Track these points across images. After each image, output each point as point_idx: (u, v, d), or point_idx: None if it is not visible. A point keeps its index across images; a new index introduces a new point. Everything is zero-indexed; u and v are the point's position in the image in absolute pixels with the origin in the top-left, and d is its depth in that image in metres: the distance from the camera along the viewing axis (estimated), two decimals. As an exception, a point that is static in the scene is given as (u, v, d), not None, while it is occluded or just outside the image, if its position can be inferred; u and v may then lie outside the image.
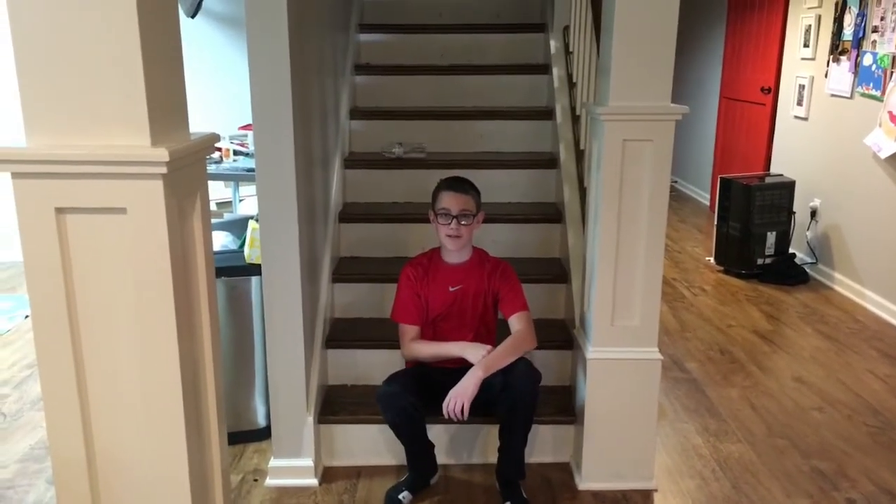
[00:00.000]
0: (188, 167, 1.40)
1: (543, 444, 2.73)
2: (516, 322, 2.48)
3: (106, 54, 1.27)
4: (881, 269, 4.28)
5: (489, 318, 2.58)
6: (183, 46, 1.44)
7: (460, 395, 2.31)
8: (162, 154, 1.27)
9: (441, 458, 2.66)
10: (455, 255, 2.54)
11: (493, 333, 2.59)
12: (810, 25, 4.99)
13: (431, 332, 2.56)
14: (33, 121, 1.30)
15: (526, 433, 2.45)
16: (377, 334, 2.87)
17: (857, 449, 2.86)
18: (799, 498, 2.55)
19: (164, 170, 1.28)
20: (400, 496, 2.49)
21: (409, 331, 2.54)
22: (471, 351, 2.41)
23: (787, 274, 4.82)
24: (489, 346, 2.42)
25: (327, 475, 2.68)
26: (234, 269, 2.78)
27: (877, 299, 4.31)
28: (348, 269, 3.06)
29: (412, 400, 2.37)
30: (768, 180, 4.98)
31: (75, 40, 1.26)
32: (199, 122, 1.67)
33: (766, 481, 2.65)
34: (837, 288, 4.69)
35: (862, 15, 4.38)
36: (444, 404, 2.33)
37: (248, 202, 5.60)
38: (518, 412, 2.38)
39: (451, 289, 2.52)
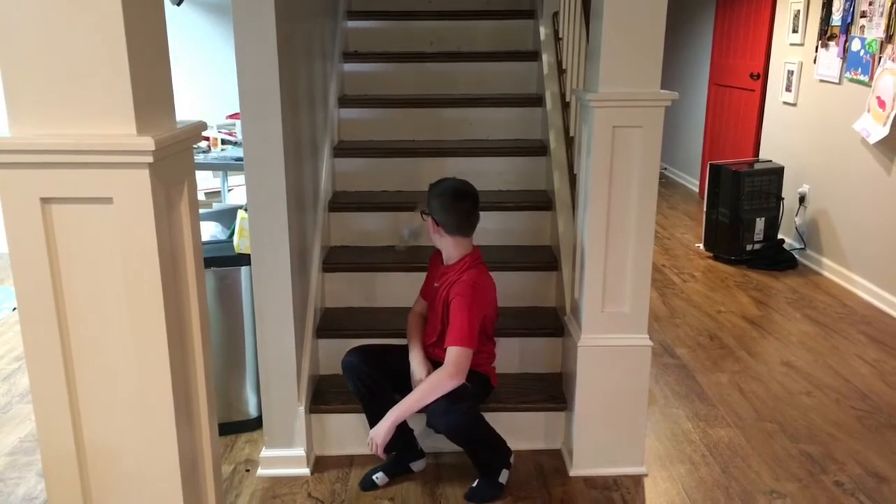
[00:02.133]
0: (175, 156, 1.39)
1: (535, 431, 2.74)
2: (446, 355, 2.37)
3: (90, 42, 1.25)
4: (869, 254, 4.31)
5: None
6: (168, 34, 1.42)
7: (374, 439, 2.39)
8: (148, 143, 1.25)
9: (429, 447, 2.66)
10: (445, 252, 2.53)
11: None
12: (799, 11, 4.99)
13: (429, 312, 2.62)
14: (17, 110, 1.28)
15: (475, 451, 2.47)
16: (368, 324, 2.87)
17: (845, 433, 2.89)
18: (787, 482, 2.57)
19: (150, 159, 1.27)
20: (374, 476, 2.54)
21: (417, 301, 2.67)
22: (414, 365, 2.48)
23: (776, 259, 4.84)
24: (427, 371, 2.43)
25: (319, 464, 2.68)
26: (223, 260, 2.76)
27: (865, 284, 4.34)
28: (338, 259, 3.04)
29: (369, 372, 2.46)
30: (757, 166, 4.99)
31: (59, 27, 1.24)
32: (186, 111, 1.65)
33: (756, 465, 2.67)
34: (826, 273, 4.72)
35: (850, 0, 4.38)
36: (368, 441, 2.42)
37: (237, 192, 5.58)
38: (456, 443, 2.43)
39: (435, 284, 2.54)
